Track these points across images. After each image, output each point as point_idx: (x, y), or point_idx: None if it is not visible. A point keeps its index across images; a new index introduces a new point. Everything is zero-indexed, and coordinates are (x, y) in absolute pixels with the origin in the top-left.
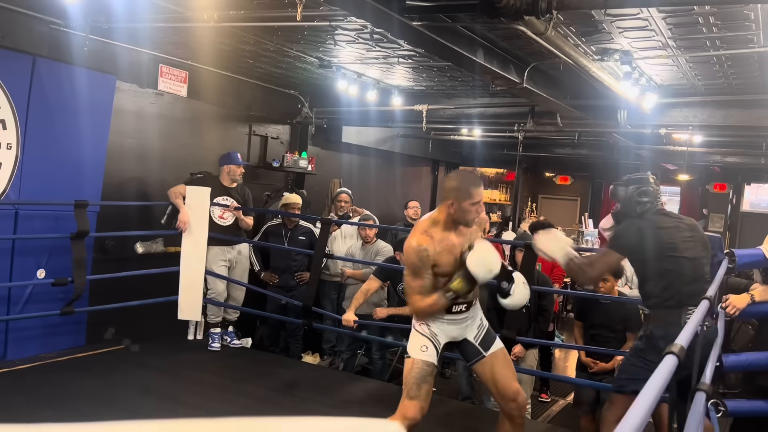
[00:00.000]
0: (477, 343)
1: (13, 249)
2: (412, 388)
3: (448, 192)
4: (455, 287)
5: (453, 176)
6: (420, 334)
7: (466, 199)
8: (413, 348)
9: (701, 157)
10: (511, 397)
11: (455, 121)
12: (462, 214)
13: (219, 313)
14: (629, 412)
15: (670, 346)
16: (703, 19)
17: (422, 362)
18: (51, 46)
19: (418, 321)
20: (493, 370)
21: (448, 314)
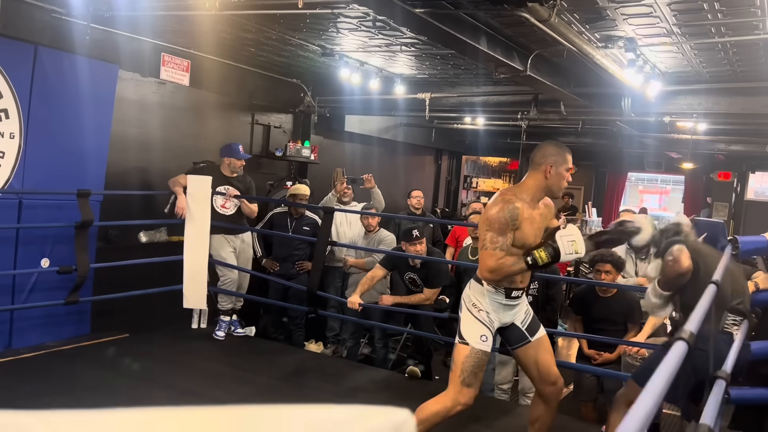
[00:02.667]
0: (524, 328)
1: (17, 238)
2: (468, 375)
3: (545, 157)
4: (538, 255)
5: (547, 144)
6: (479, 322)
7: (562, 164)
8: (472, 336)
9: (705, 145)
10: (551, 381)
11: (458, 109)
12: (558, 180)
13: (230, 301)
14: (639, 398)
15: (679, 331)
16: (708, 6)
17: (481, 352)
18: (53, 35)
19: (478, 302)
20: (537, 355)
21: (507, 299)
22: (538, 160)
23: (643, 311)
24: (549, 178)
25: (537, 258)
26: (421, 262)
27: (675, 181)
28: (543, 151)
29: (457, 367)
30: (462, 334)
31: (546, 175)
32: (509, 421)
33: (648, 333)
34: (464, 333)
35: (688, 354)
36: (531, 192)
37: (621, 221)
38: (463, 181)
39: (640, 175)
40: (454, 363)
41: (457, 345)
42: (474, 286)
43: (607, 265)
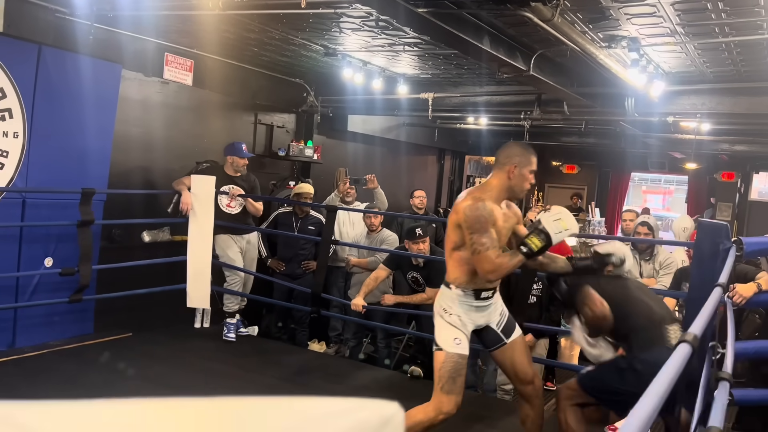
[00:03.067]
0: (499, 330)
1: (20, 237)
2: (447, 382)
3: (509, 158)
4: (531, 242)
5: (512, 144)
6: (451, 326)
7: (527, 165)
8: (445, 341)
9: (709, 146)
10: (528, 380)
11: (461, 109)
12: (521, 181)
13: (236, 302)
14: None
15: (683, 334)
16: (711, 6)
17: (457, 355)
18: (57, 34)
19: (448, 307)
20: (513, 357)
21: (477, 300)
22: (502, 160)
23: None
24: (512, 179)
25: (531, 245)
26: (424, 261)
27: (678, 181)
28: (508, 151)
29: (436, 376)
30: (436, 341)
31: (509, 176)
32: (512, 421)
33: None
34: (438, 339)
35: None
36: (494, 192)
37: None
38: (466, 181)
39: (643, 176)
40: (435, 372)
41: (435, 353)
42: (444, 291)
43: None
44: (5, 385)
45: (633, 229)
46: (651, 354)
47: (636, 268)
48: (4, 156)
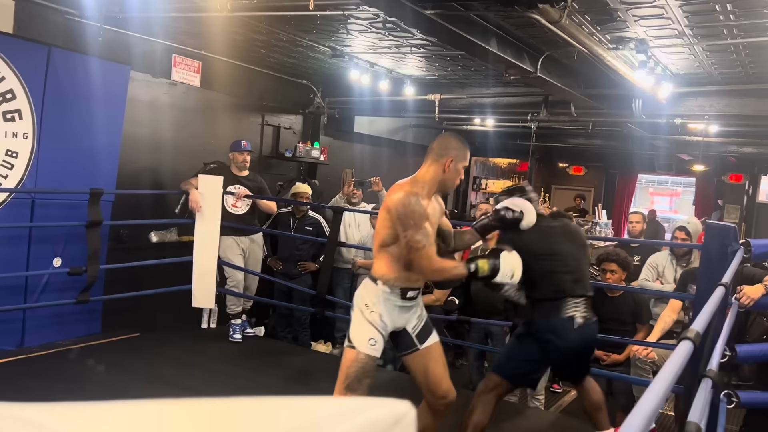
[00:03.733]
0: (414, 334)
1: (30, 237)
2: (352, 381)
3: (446, 150)
4: (481, 265)
5: (449, 136)
6: (369, 324)
7: (462, 160)
8: (360, 339)
9: (717, 148)
10: (441, 394)
11: (468, 110)
12: (454, 175)
13: (239, 303)
14: (642, 398)
15: (686, 331)
16: (720, 7)
17: (367, 357)
18: (66, 36)
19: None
20: (426, 366)
21: (402, 299)
22: (439, 152)
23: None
24: (447, 172)
25: (480, 268)
26: None
27: (686, 183)
28: (446, 142)
29: (342, 373)
30: (350, 337)
31: (445, 169)
32: (517, 422)
33: (658, 335)
34: (352, 336)
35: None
36: (428, 185)
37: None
38: (473, 183)
39: (650, 177)
40: (341, 368)
41: (345, 348)
42: (368, 285)
43: (612, 264)
44: (14, 384)
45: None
46: (547, 322)
47: (671, 273)
48: (14, 157)
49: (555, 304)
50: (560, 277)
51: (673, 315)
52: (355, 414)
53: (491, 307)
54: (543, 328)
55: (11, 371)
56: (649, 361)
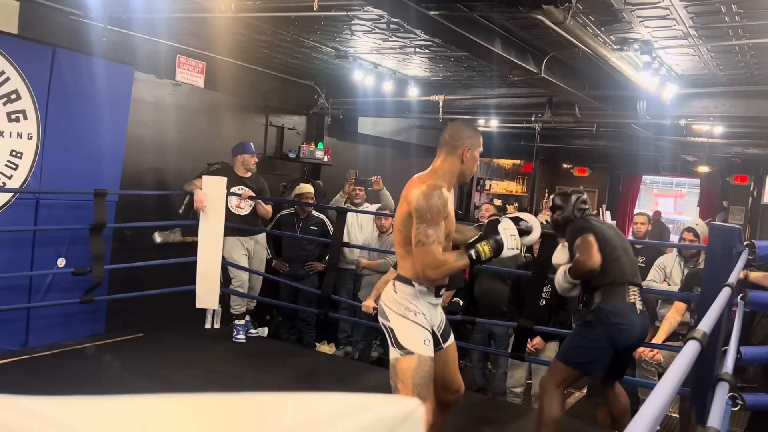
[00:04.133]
0: (439, 334)
1: (34, 238)
2: (422, 389)
3: (461, 140)
4: (481, 248)
5: (460, 125)
6: (418, 325)
7: (478, 147)
8: (415, 343)
9: (722, 149)
10: (455, 389)
11: (472, 111)
12: (472, 164)
13: (243, 304)
14: (648, 399)
15: (692, 332)
16: (725, 8)
17: (429, 358)
18: (71, 36)
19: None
20: (445, 363)
21: (436, 297)
22: (454, 143)
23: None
24: (465, 162)
25: (481, 252)
26: None
27: (690, 184)
28: (459, 133)
29: (407, 385)
30: (402, 344)
31: (462, 159)
32: (522, 424)
33: (663, 336)
34: (405, 342)
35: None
36: (448, 177)
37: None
38: (476, 184)
39: (654, 178)
40: (401, 381)
41: (398, 359)
42: (402, 288)
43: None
44: (19, 384)
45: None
46: (614, 306)
47: (679, 274)
48: (18, 157)
49: (620, 288)
50: (623, 263)
51: (678, 317)
52: (364, 411)
53: (495, 308)
54: (610, 313)
55: (16, 371)
56: (654, 362)
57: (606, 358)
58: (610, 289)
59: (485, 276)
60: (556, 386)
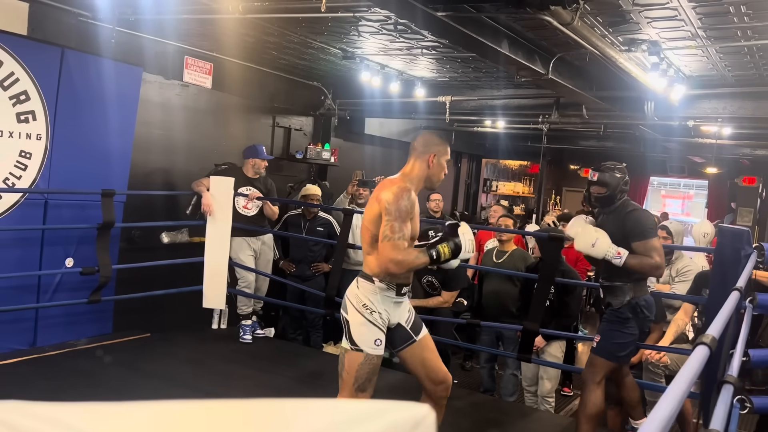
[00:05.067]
0: (408, 327)
1: (42, 238)
2: (364, 382)
3: (427, 146)
4: (442, 249)
5: (429, 133)
6: (372, 324)
7: (444, 154)
8: (365, 341)
9: (730, 150)
10: (440, 380)
11: (479, 112)
12: (438, 170)
13: (249, 304)
14: (658, 404)
15: (701, 336)
16: (734, 9)
17: (376, 357)
18: (79, 38)
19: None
20: (423, 355)
21: (397, 296)
22: (420, 149)
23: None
24: (431, 168)
25: (441, 252)
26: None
27: (698, 185)
28: (426, 140)
29: (350, 375)
30: (354, 339)
31: (429, 164)
32: (527, 426)
33: (671, 339)
34: (356, 338)
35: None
36: (415, 181)
37: None
38: (483, 184)
39: (662, 180)
40: (346, 371)
41: (348, 352)
42: (363, 284)
43: None
44: (27, 383)
45: None
46: (645, 300)
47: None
48: (27, 157)
49: (645, 281)
50: None
51: (686, 318)
52: (376, 417)
53: (502, 309)
54: (643, 307)
55: (24, 370)
56: (661, 365)
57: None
58: (641, 283)
59: (493, 277)
60: (597, 382)
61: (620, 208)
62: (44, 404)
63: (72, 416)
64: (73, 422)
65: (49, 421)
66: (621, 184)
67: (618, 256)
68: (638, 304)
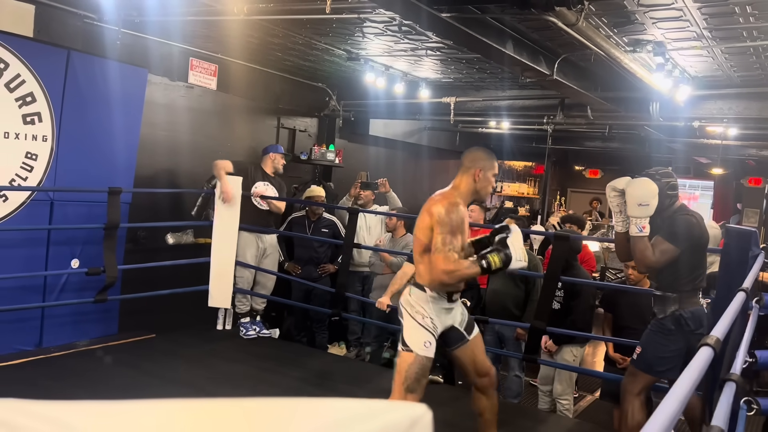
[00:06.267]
0: (462, 328)
1: (48, 239)
2: (412, 382)
3: (474, 161)
4: (492, 259)
5: (476, 149)
6: (423, 328)
7: (491, 169)
8: (416, 343)
9: (736, 151)
10: (485, 372)
11: (483, 113)
12: (485, 184)
13: (246, 302)
14: (661, 404)
15: (705, 338)
16: (739, 9)
17: (425, 358)
18: (85, 39)
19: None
20: (474, 352)
21: (448, 302)
22: (467, 164)
23: None
24: (477, 182)
25: (491, 262)
26: None
27: (704, 186)
28: (473, 155)
29: (401, 375)
30: (406, 341)
31: (475, 179)
32: (535, 427)
33: None
34: (408, 341)
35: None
36: (464, 195)
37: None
38: None
39: None
40: (398, 371)
41: (400, 352)
42: (416, 293)
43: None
44: (33, 384)
45: None
46: (692, 312)
47: None
48: (33, 159)
49: (697, 293)
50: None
51: None
52: (372, 416)
53: (503, 310)
54: (689, 320)
55: (30, 371)
56: None
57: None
58: (689, 295)
59: (495, 276)
60: (637, 393)
61: (675, 211)
62: (43, 403)
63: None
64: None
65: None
66: (666, 189)
67: (642, 229)
68: (682, 316)
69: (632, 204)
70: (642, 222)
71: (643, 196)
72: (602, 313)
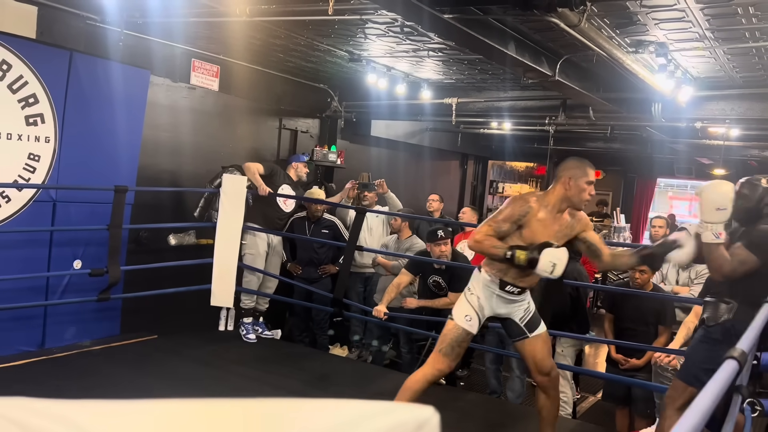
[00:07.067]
0: (522, 324)
1: (51, 240)
2: (447, 346)
3: (564, 170)
4: (518, 255)
5: (569, 159)
6: (467, 303)
7: (582, 177)
8: (458, 314)
9: (738, 152)
10: (545, 372)
11: (485, 114)
12: (577, 192)
13: (252, 299)
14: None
15: (731, 350)
16: (742, 10)
17: (463, 330)
18: (87, 41)
19: (473, 287)
20: (534, 349)
21: (500, 290)
22: (558, 174)
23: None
24: (568, 190)
25: (517, 256)
26: (446, 264)
27: None
28: (564, 165)
29: (440, 340)
30: (452, 311)
31: (565, 187)
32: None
33: (681, 341)
34: (454, 311)
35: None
36: (552, 201)
37: (668, 240)
38: (489, 186)
39: (669, 181)
40: (441, 335)
41: (447, 320)
42: (476, 273)
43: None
44: (36, 384)
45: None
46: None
47: (674, 275)
48: (36, 160)
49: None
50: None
51: (696, 321)
52: (380, 417)
53: None
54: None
55: (33, 371)
56: (671, 368)
57: None
58: (744, 307)
59: None
60: (677, 408)
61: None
62: (50, 402)
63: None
64: (78, 419)
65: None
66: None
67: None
68: (734, 327)
69: (709, 209)
70: (718, 228)
71: (721, 199)
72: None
